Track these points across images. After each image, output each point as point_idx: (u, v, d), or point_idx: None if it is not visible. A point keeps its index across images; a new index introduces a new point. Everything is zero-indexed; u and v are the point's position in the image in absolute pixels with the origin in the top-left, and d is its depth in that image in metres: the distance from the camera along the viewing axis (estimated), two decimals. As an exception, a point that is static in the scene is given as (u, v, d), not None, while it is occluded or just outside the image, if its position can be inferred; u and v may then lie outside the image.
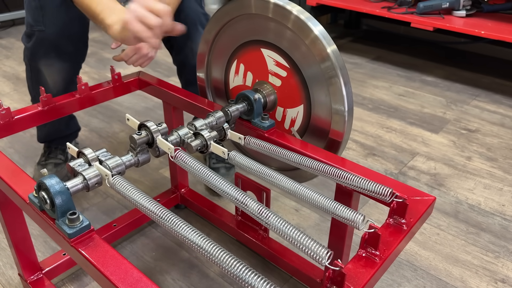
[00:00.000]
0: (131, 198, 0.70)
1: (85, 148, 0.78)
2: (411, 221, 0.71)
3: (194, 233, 0.62)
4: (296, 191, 0.75)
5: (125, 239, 1.24)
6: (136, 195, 0.69)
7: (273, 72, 1.02)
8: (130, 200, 0.70)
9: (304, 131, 1.03)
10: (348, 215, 0.67)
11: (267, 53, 1.01)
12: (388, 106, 2.03)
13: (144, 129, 0.84)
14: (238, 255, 1.20)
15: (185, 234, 0.62)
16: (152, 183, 1.48)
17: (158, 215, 0.66)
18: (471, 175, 1.55)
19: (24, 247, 0.99)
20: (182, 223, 0.64)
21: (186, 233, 0.62)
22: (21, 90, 2.14)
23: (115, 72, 1.13)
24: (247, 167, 0.82)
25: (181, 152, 0.80)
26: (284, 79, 1.00)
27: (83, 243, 0.66)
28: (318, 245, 0.59)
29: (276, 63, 1.00)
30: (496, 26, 2.11)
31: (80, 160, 0.76)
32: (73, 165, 0.75)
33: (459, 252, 1.22)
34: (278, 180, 0.78)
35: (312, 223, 1.32)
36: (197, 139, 0.87)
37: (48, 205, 0.66)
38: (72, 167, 0.75)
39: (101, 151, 0.78)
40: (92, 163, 0.75)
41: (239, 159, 0.83)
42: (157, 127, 0.83)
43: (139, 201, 0.68)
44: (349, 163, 0.85)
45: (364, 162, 1.61)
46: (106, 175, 0.74)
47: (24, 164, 1.58)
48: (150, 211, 0.67)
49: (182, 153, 0.80)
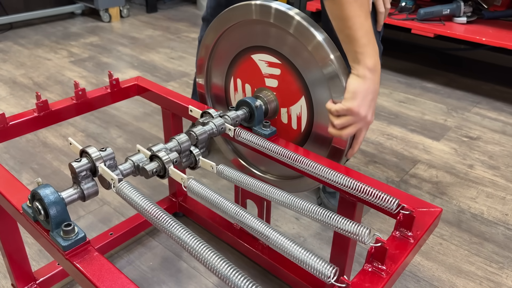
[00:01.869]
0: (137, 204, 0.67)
1: (89, 147, 0.72)
2: (418, 234, 0.69)
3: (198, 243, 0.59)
4: (293, 204, 0.72)
5: (121, 248, 1.21)
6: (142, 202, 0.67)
7: (268, 74, 1.00)
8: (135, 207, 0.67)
9: (306, 138, 1.01)
10: (353, 228, 0.65)
11: (258, 57, 1.00)
12: (388, 113, 2.01)
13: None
14: (237, 265, 1.17)
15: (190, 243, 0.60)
16: (149, 190, 1.46)
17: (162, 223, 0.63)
18: (473, 183, 1.53)
19: (18, 257, 0.97)
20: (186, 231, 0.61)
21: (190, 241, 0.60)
22: (18, 95, 2.12)
23: (113, 77, 1.11)
24: (237, 180, 0.79)
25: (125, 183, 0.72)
26: (279, 77, 0.98)
27: (78, 255, 0.63)
28: (322, 262, 0.57)
29: (268, 63, 0.99)
30: (497, 33, 2.10)
31: (85, 161, 0.71)
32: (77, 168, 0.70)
33: (462, 263, 1.20)
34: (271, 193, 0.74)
35: (313, 232, 1.29)
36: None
37: (42, 216, 0.64)
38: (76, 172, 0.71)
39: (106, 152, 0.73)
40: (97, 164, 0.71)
41: (228, 172, 0.80)
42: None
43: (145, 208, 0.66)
44: (353, 172, 0.83)
45: (365, 169, 1.58)
46: (112, 179, 0.71)
47: (20, 170, 1.55)
48: (155, 218, 0.64)
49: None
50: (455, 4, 2.19)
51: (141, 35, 3.02)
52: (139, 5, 3.75)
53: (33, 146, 1.69)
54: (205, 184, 0.74)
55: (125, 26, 3.22)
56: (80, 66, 2.47)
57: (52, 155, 1.63)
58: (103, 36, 2.98)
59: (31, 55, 2.63)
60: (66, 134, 1.78)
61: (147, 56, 2.64)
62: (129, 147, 1.70)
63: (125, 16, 3.39)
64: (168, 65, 2.52)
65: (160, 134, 1.79)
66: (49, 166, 1.57)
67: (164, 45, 2.83)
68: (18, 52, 2.67)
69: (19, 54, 2.63)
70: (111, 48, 2.76)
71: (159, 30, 3.12)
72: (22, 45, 2.79)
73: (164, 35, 3.03)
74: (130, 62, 2.56)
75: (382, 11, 1.09)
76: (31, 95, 2.11)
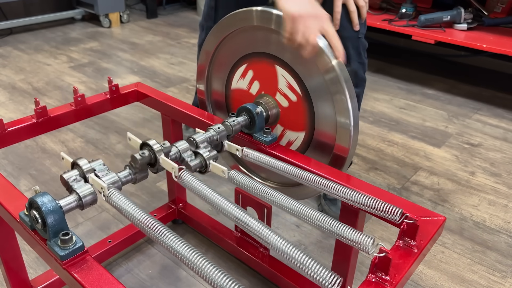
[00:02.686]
0: (126, 212, 0.66)
1: (80, 159, 0.74)
2: (422, 243, 0.68)
3: (189, 250, 0.58)
4: (299, 211, 0.71)
5: (120, 255, 1.20)
6: (132, 209, 0.66)
7: (283, 92, 0.98)
8: (125, 215, 0.66)
9: (306, 148, 1.00)
10: (356, 237, 0.64)
11: (281, 72, 0.98)
12: (389, 119, 2.00)
13: (146, 148, 0.80)
14: (237, 274, 1.16)
15: (181, 252, 0.59)
16: (148, 197, 1.44)
17: (153, 230, 0.62)
18: (475, 190, 1.52)
19: (15, 265, 0.95)
20: (177, 239, 0.60)
21: (182, 250, 0.59)
22: (17, 100, 2.11)
23: (112, 83, 1.10)
24: (248, 187, 0.78)
25: (186, 172, 0.76)
26: (293, 103, 0.97)
27: (76, 265, 0.62)
28: (326, 271, 0.56)
29: (289, 85, 0.97)
30: (497, 39, 2.10)
31: (75, 172, 0.72)
32: (67, 178, 0.71)
33: (465, 272, 1.18)
34: (280, 200, 0.74)
35: (313, 240, 1.28)
36: (196, 159, 0.83)
37: (40, 225, 0.63)
38: (67, 181, 0.71)
39: (97, 163, 0.74)
40: (88, 175, 0.72)
41: (239, 178, 0.80)
42: (160, 146, 0.80)
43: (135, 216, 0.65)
44: (355, 180, 0.82)
45: (366, 176, 1.57)
46: (102, 187, 0.70)
47: (18, 176, 1.54)
48: (145, 225, 0.63)
49: (186, 173, 0.76)
50: (455, 11, 2.19)
51: (141, 40, 3.02)
52: (139, 10, 3.75)
53: (32, 152, 1.68)
54: (198, 177, 0.73)
55: (125, 31, 3.22)
56: (79, 72, 2.47)
57: (51, 161, 1.62)
58: (103, 42, 2.97)
59: (30, 60, 2.62)
60: (65, 140, 1.76)
61: (147, 62, 2.63)
62: (129, 153, 1.68)
63: (125, 22, 3.39)
64: (168, 70, 2.52)
65: (159, 140, 1.77)
66: (48, 172, 1.56)
67: (164, 50, 2.83)
68: (17, 57, 2.66)
69: (19, 59, 2.63)
70: (111, 54, 2.75)
71: (159, 36, 3.12)
72: (22, 50, 2.79)
73: (164, 40, 3.03)
74: (130, 67, 2.55)
75: (353, 10, 1.08)
76: (30, 101, 2.10)
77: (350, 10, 1.08)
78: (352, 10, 1.08)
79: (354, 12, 1.08)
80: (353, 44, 1.12)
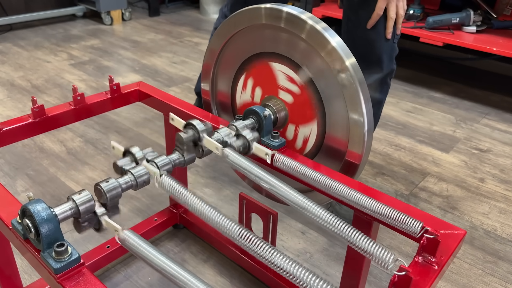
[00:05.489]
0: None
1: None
2: (442, 260, 0.63)
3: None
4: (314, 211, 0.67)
5: (119, 261, 1.15)
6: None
7: (284, 88, 0.94)
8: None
9: (317, 151, 0.95)
10: (375, 251, 0.59)
11: (278, 67, 0.94)
12: (396, 123, 1.96)
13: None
14: (240, 283, 1.11)
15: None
16: (149, 200, 1.40)
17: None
18: (485, 198, 1.47)
19: (8, 271, 0.91)
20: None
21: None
22: (15, 97, 2.06)
23: (113, 82, 1.05)
24: None
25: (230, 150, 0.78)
26: (297, 95, 0.93)
27: (71, 279, 0.57)
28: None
29: (288, 78, 0.93)
30: (507, 43, 2.05)
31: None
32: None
33: (477, 283, 1.14)
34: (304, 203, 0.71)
35: (319, 247, 1.23)
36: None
37: (33, 234, 0.58)
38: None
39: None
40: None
41: None
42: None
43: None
44: (370, 189, 0.78)
45: (373, 182, 1.53)
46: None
47: (15, 176, 1.49)
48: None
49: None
50: (464, 13, 2.15)
51: (143, 38, 2.97)
52: (142, 8, 3.71)
53: (29, 151, 1.63)
54: (179, 182, 0.71)
55: (127, 29, 3.17)
56: (80, 69, 2.42)
57: (49, 161, 1.58)
58: (104, 39, 2.93)
59: (30, 57, 2.58)
60: (63, 139, 1.72)
61: (148, 60, 2.59)
62: (129, 154, 1.64)
63: (127, 19, 3.35)
64: (170, 69, 2.47)
65: (160, 141, 1.73)
66: (45, 173, 1.51)
67: (166, 49, 2.79)
68: (17, 54, 2.61)
69: (18, 56, 2.58)
70: (112, 52, 2.71)
71: (161, 34, 3.08)
72: (22, 46, 2.74)
73: (167, 39, 2.98)
74: (132, 66, 2.50)
75: (392, 17, 1.09)
76: (29, 98, 2.05)
77: (389, 16, 1.09)
78: (392, 17, 1.09)
79: (392, 20, 1.09)
80: (386, 49, 1.14)
